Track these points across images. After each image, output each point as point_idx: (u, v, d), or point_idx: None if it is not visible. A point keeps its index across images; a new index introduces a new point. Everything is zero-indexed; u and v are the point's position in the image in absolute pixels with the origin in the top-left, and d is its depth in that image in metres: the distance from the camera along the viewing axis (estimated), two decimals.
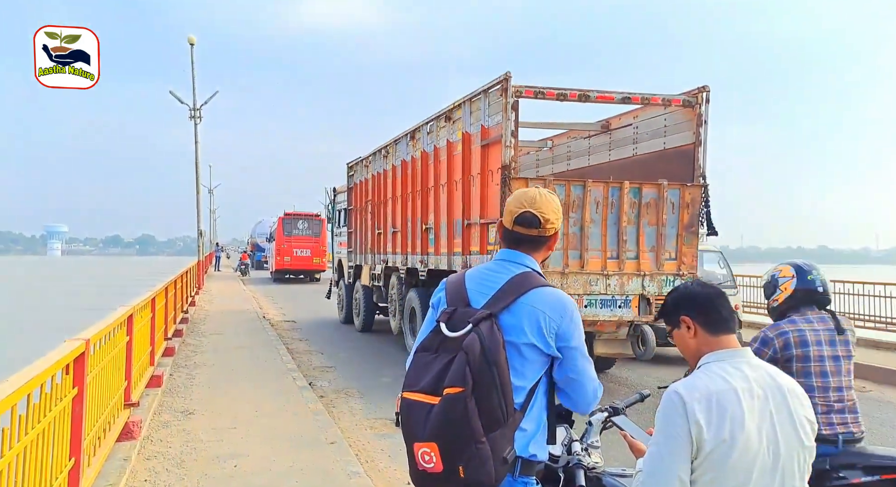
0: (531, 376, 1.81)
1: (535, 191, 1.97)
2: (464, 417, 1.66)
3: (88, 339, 3.62)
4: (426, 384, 1.72)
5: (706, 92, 6.97)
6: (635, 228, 6.87)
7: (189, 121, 21.90)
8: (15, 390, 2.33)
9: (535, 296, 1.83)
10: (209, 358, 8.77)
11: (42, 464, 2.74)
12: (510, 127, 6.48)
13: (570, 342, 1.83)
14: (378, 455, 5.11)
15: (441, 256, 8.14)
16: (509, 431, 1.74)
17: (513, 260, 1.92)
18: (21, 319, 22.56)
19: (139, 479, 4.23)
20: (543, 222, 1.90)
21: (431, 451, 1.68)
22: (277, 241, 25.48)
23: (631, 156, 8.17)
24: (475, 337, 1.72)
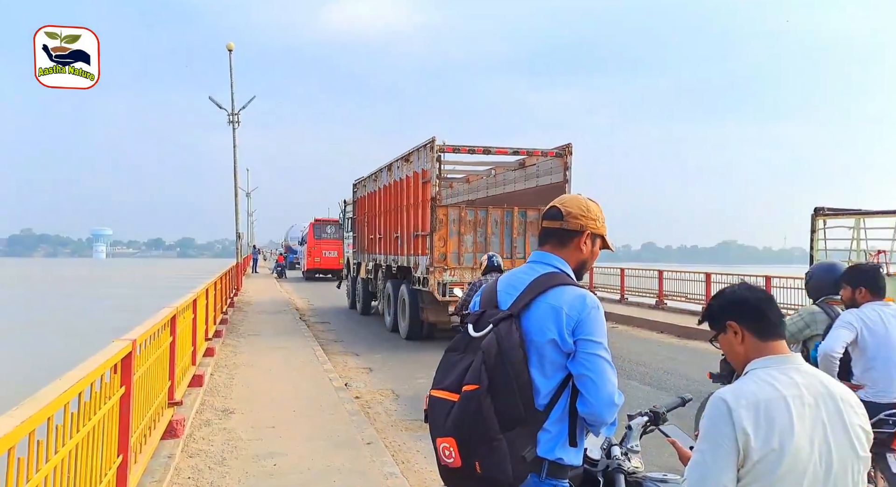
0: (553, 375, 1.80)
1: (572, 194, 2.02)
2: (478, 413, 1.70)
3: (135, 340, 3.73)
4: (450, 382, 1.80)
5: (570, 147, 10.59)
6: (522, 238, 10.43)
7: (228, 125, 22.37)
8: (68, 388, 2.42)
9: (555, 294, 1.84)
10: (248, 359, 8.94)
11: (92, 460, 2.84)
12: (435, 171, 10.10)
13: (587, 335, 1.80)
14: (414, 455, 5.13)
15: (403, 256, 11.52)
16: (529, 430, 1.76)
17: (540, 260, 1.96)
18: (69, 319, 23.35)
19: (183, 476, 4.34)
20: (565, 214, 1.95)
21: (450, 446, 1.74)
22: (308, 244, 28.74)
23: (534, 187, 11.83)
24: (493, 337, 1.77)
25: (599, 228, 2.01)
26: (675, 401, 2.40)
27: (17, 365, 14.04)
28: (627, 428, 2.23)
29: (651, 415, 2.27)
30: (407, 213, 11.34)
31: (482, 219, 10.35)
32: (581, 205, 1.99)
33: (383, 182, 13.06)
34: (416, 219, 10.75)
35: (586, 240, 1.97)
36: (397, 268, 11.96)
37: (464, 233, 10.24)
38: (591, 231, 1.97)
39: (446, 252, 10.21)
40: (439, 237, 10.16)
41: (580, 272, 2.00)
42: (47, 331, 19.88)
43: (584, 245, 1.97)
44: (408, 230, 11.21)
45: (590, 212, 1.98)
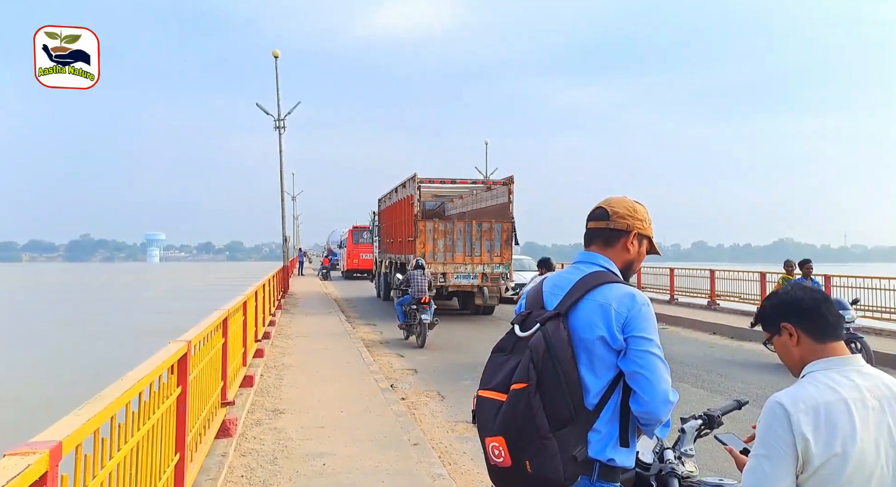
0: (603, 374, 1.78)
1: (618, 195, 2.03)
2: (528, 411, 1.70)
3: (190, 341, 3.86)
4: (498, 382, 1.79)
5: (512, 178, 14.98)
6: (479, 243, 14.75)
7: (274, 131, 22.86)
8: (129, 388, 2.52)
9: (602, 291, 1.83)
10: (296, 360, 9.12)
11: (152, 458, 2.94)
12: (417, 197, 14.77)
13: (638, 332, 1.78)
14: (461, 457, 5.14)
15: (402, 255, 16.04)
16: (580, 430, 1.74)
17: (585, 260, 1.95)
18: (128, 322, 24.25)
19: (236, 474, 4.45)
20: (612, 214, 1.95)
21: (500, 445, 1.73)
22: (348, 247, 33.51)
23: (494, 204, 15.89)
24: (540, 335, 1.77)
25: (646, 229, 1.98)
26: (731, 405, 2.34)
27: (81, 366, 14.67)
28: (681, 432, 2.19)
29: (705, 419, 2.21)
30: (403, 225, 16.26)
31: (450, 228, 14.95)
32: (628, 205, 1.98)
33: (392, 200, 18.38)
34: (408, 229, 15.32)
35: (633, 241, 1.95)
36: (399, 264, 16.27)
37: (437, 238, 14.71)
38: (637, 231, 1.96)
39: (425, 252, 14.33)
40: (420, 242, 14.49)
41: (627, 273, 1.97)
42: (107, 333, 20.69)
43: (632, 245, 1.95)
44: (403, 236, 15.96)
45: (636, 213, 1.97)
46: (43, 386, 12.50)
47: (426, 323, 10.93)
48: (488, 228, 14.82)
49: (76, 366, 14.70)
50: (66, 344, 18.62)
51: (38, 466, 1.57)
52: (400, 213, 16.70)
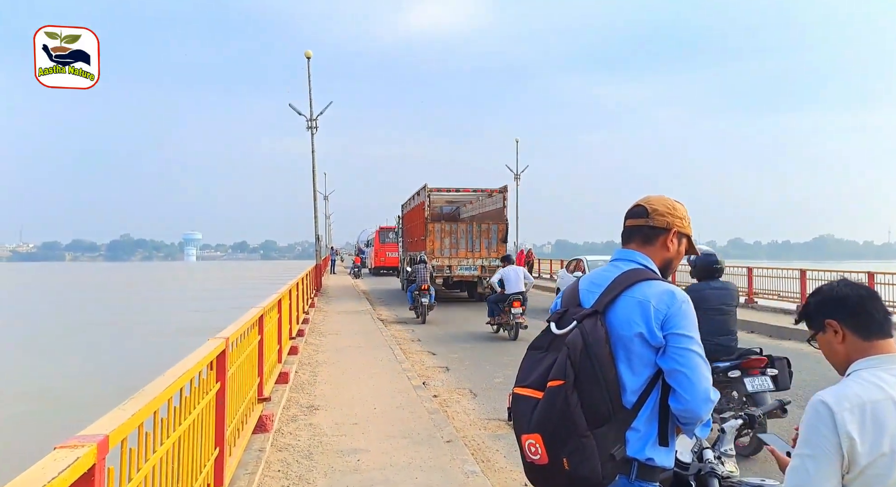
0: (642, 372, 1.77)
1: (657, 194, 2.02)
2: (565, 409, 1.69)
3: (228, 338, 3.93)
4: (534, 379, 1.79)
5: (506, 187, 17.93)
6: (479, 240, 17.63)
7: (306, 131, 23.13)
8: (170, 384, 2.59)
9: (641, 288, 1.81)
10: (329, 357, 9.22)
11: (193, 452, 3.02)
12: (427, 203, 17.49)
13: (676, 329, 1.75)
14: (494, 455, 5.14)
15: (417, 252, 18.21)
16: (618, 428, 1.73)
17: (623, 258, 1.94)
18: (167, 319, 24.86)
19: (273, 469, 4.53)
20: (651, 212, 1.94)
21: (536, 442, 1.73)
22: (375, 247, 37.04)
23: (493, 209, 18.52)
24: (577, 333, 1.76)
25: (686, 228, 1.97)
26: (773, 404, 2.29)
27: (123, 362, 15.10)
28: (721, 431, 2.15)
29: (746, 418, 2.17)
30: (417, 226, 19.41)
31: (454, 228, 18.19)
32: (667, 203, 1.97)
33: (410, 206, 21.74)
34: (420, 230, 18.42)
35: (673, 239, 1.94)
36: (418, 259, 17.43)
37: (444, 237, 17.88)
38: (677, 230, 1.94)
39: (433, 249, 17.64)
40: (430, 240, 17.65)
41: (666, 271, 1.95)
42: (147, 331, 21.24)
43: (671, 243, 1.93)
44: (418, 236, 19.25)
45: (676, 211, 1.96)
46: (86, 381, 12.90)
47: (426, 304, 14.22)
48: (486, 228, 18.05)
49: (118, 363, 15.13)
50: (108, 342, 19.18)
51: (87, 459, 1.62)
52: (415, 217, 19.96)
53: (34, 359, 16.07)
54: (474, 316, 14.86)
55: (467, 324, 13.82)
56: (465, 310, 16.79)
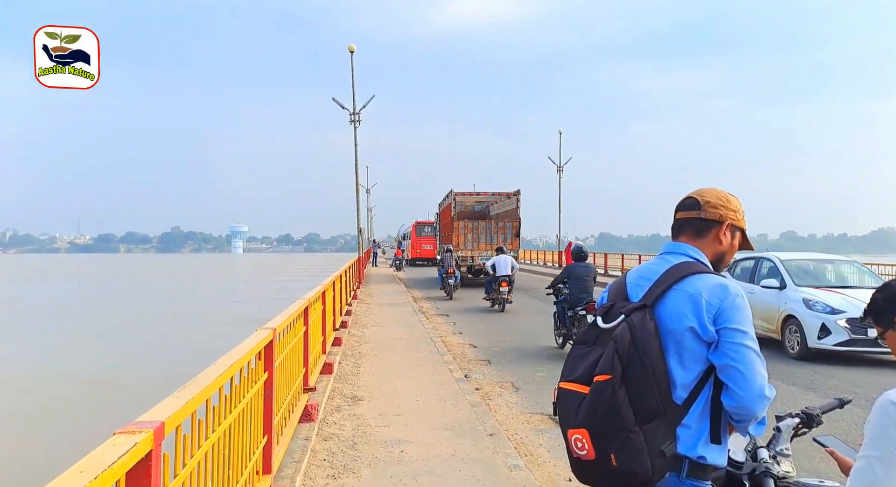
0: (692, 367, 1.72)
1: (709, 187, 1.95)
2: (612, 404, 1.66)
3: (275, 328, 4.01)
4: (580, 374, 1.76)
5: (519, 191, 21.40)
6: (496, 235, 21.86)
7: (349, 125, 23.35)
8: (221, 373, 2.65)
9: (692, 282, 1.75)
10: (372, 349, 9.33)
11: (242, 439, 3.09)
12: (454, 206, 22.21)
13: (730, 323, 1.69)
14: (537, 449, 5.11)
15: (447, 244, 20.64)
16: (668, 424, 1.69)
17: (673, 251, 1.89)
18: (216, 309, 25.55)
19: (318, 458, 4.61)
20: (703, 204, 1.88)
21: (583, 438, 1.70)
22: (412, 240, 40.45)
23: (510, 209, 22.05)
24: (625, 326, 1.72)
25: (740, 221, 1.90)
26: (832, 403, 2.19)
27: (174, 350, 15.60)
28: (776, 430, 2.07)
29: (803, 417, 2.08)
30: (447, 223, 23.12)
31: (476, 226, 22.36)
32: (720, 195, 1.91)
33: (443, 206, 25.49)
34: (449, 226, 22.52)
35: (726, 232, 1.87)
36: (449, 252, 19.98)
37: (467, 233, 22.04)
38: (731, 222, 1.87)
39: (458, 242, 21.62)
40: (455, 235, 21.72)
41: (718, 265, 1.89)
42: (195, 321, 21.88)
43: (724, 236, 1.87)
44: (448, 231, 22.86)
45: (729, 203, 1.89)
46: (139, 369, 13.38)
47: (452, 284, 18.30)
48: (503, 225, 22.18)
49: (170, 351, 15.64)
50: (159, 331, 19.84)
51: (144, 444, 1.67)
52: (445, 215, 24.08)
53: (92, 346, 16.76)
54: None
55: (506, 315, 13.79)
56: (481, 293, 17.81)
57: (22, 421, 9.53)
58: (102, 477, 1.41)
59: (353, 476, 4.27)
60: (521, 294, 19.79)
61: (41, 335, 19.18)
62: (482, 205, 25.10)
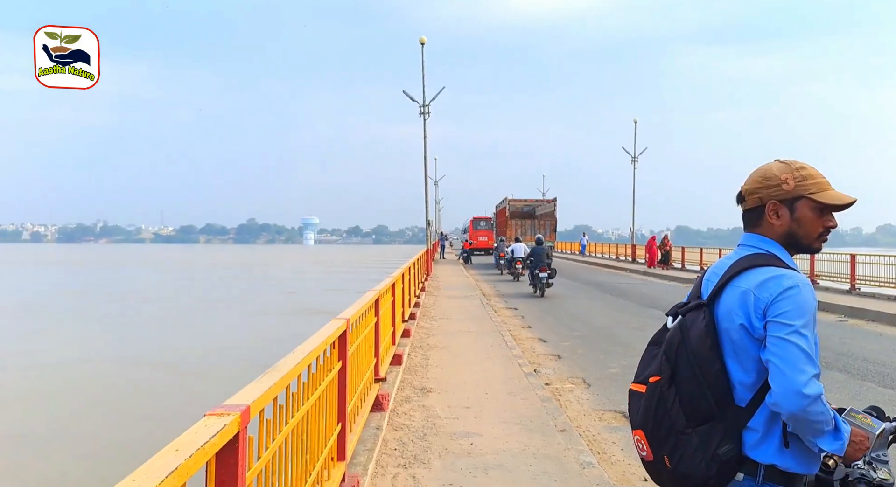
0: (751, 368, 1.63)
1: (761, 165, 1.81)
2: (661, 405, 1.66)
3: (348, 319, 4.08)
4: (644, 375, 1.76)
5: (555, 199, 32.65)
6: (539, 229, 32.43)
7: (419, 117, 23.54)
8: (300, 361, 2.71)
9: (746, 276, 1.66)
10: (440, 341, 9.38)
11: (319, 426, 3.16)
12: (507, 209, 33.54)
13: (777, 317, 1.56)
14: (610, 447, 4.99)
15: (501, 237, 30.53)
16: (727, 427, 1.62)
17: (743, 243, 1.81)
18: (288, 299, 26.43)
19: (389, 447, 4.67)
20: (744, 194, 1.79)
21: (641, 439, 1.72)
22: (470, 232, 45.06)
23: (550, 210, 32.50)
24: (676, 326, 1.72)
25: (790, 191, 1.69)
26: None
27: (250, 338, 16.24)
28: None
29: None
30: (503, 221, 32.90)
31: (523, 223, 33.06)
32: (757, 175, 1.75)
33: (499, 207, 34.69)
34: (504, 223, 32.51)
35: (773, 213, 1.72)
36: (503, 243, 25.38)
37: (517, 228, 32.00)
38: (775, 199, 1.71)
39: (512, 235, 29.30)
40: (509, 230, 31.38)
41: (797, 243, 1.72)
42: (268, 310, 22.70)
43: (773, 217, 1.72)
44: (503, 227, 32.47)
45: (768, 179, 1.72)
46: (214, 354, 14.00)
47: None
48: (544, 223, 31.07)
49: (246, 339, 16.30)
50: (236, 318, 20.71)
51: (232, 426, 1.72)
52: (501, 215, 33.00)
53: (171, 332, 17.69)
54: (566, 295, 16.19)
55: (576, 309, 13.57)
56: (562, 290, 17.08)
57: (109, 403, 10.17)
58: (196, 456, 1.46)
59: (423, 466, 4.31)
60: (592, 288, 19.45)
61: (122, 321, 20.39)
62: (529, 206, 34.31)
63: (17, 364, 13.11)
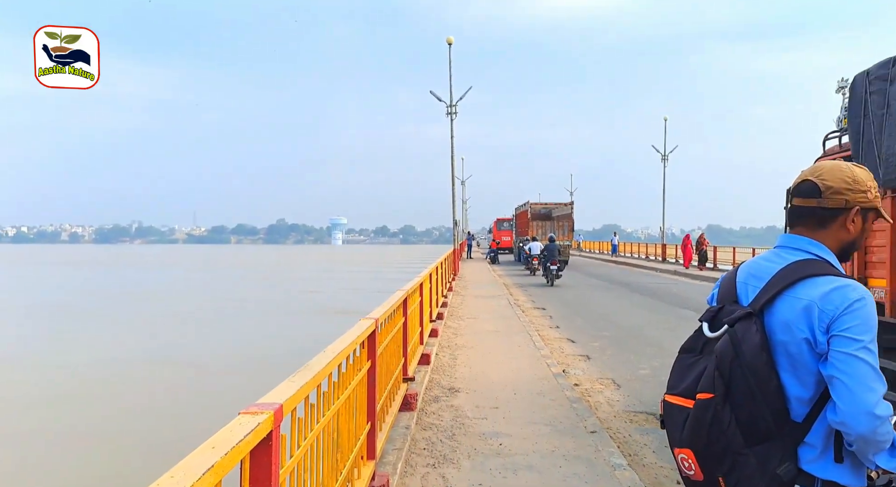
0: (810, 382, 1.54)
1: (830, 162, 1.69)
2: (716, 425, 1.54)
3: (377, 318, 4.09)
4: (685, 387, 1.63)
5: (572, 202, 34.20)
6: (557, 230, 32.07)
7: (445, 117, 23.58)
8: (331, 360, 2.73)
9: (806, 286, 1.54)
10: (468, 341, 9.37)
11: (349, 425, 3.18)
12: (529, 210, 33.64)
13: (843, 331, 1.48)
14: (642, 449, 4.93)
15: (523, 237, 34.74)
16: (785, 444, 1.53)
17: (789, 245, 1.66)
18: (315, 299, 26.68)
19: (419, 447, 4.68)
20: (824, 190, 1.62)
21: (689, 458, 1.60)
22: (494, 233, 46.78)
23: (568, 213, 32.93)
24: (727, 339, 1.57)
25: (872, 201, 1.63)
26: None
27: (278, 337, 16.44)
28: None
29: None
30: (524, 223, 33.68)
31: (543, 224, 32.16)
32: (845, 175, 1.63)
33: (520, 210, 36.54)
34: (526, 224, 33.17)
35: (854, 218, 1.62)
36: (523, 242, 27.36)
37: (537, 229, 31.71)
38: (860, 206, 1.62)
39: (530, 234, 30.34)
40: (530, 230, 31.55)
41: (846, 254, 1.67)
42: (297, 310, 22.94)
43: (853, 224, 1.63)
44: (524, 227, 33.51)
45: (857, 183, 1.62)
46: (246, 354, 14.20)
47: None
48: (562, 224, 32.01)
49: (274, 338, 16.50)
50: (264, 318, 20.98)
51: (266, 425, 1.74)
52: (523, 216, 35.06)
53: (201, 331, 18.00)
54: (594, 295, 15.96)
55: (604, 309, 13.45)
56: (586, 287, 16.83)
57: (143, 401, 10.39)
58: (231, 454, 1.48)
59: (452, 466, 4.30)
60: (621, 288, 19.25)
61: (155, 321, 20.81)
62: (547, 209, 36.88)
63: (55, 362, 13.48)
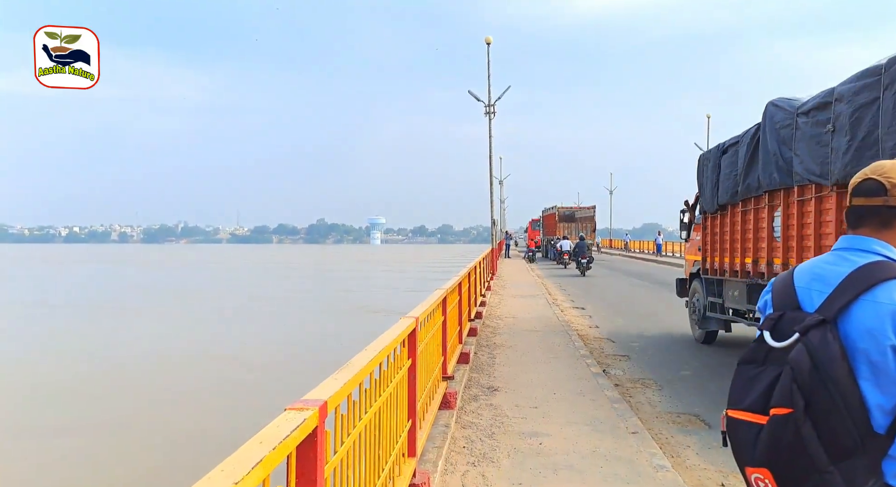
0: (894, 391, 1.45)
1: (891, 160, 1.62)
2: (797, 443, 1.44)
3: (417, 317, 4.13)
4: (752, 401, 1.53)
5: (594, 206, 43.18)
6: (580, 230, 39.31)
7: (484, 116, 23.55)
8: (372, 358, 2.77)
9: (887, 290, 1.46)
10: (507, 340, 9.36)
11: (390, 422, 3.22)
12: (556, 213, 42.60)
13: None
14: (685, 450, 4.85)
15: (550, 236, 42.04)
16: (869, 459, 1.44)
17: (855, 247, 1.59)
18: (354, 298, 27.00)
19: (458, 445, 4.71)
20: (890, 187, 1.55)
21: (765, 478, 1.50)
22: (529, 233, 50.44)
23: (590, 215, 42.26)
24: (802, 350, 1.47)
25: None
26: None
27: (319, 335, 16.70)
28: None
29: None
30: (552, 224, 42.50)
31: (568, 225, 40.33)
32: None
33: (547, 213, 45.80)
34: (552, 225, 42.00)
35: None
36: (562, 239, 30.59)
37: (563, 229, 38.93)
38: None
39: (559, 234, 37.05)
40: (558, 230, 39.34)
41: None
42: (336, 309, 23.25)
43: None
44: (552, 228, 42.15)
45: None
46: (289, 351, 14.47)
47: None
48: (584, 225, 38.60)
49: (315, 336, 16.77)
50: (305, 316, 21.33)
51: (311, 421, 1.79)
52: (550, 218, 41.47)
53: (247, 328, 18.40)
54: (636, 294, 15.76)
55: (644, 309, 13.24)
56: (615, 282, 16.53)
57: (189, 396, 10.70)
58: (279, 449, 1.52)
59: (492, 464, 4.32)
60: (660, 287, 18.90)
61: (204, 318, 21.37)
62: (571, 211, 42.19)
63: (107, 357, 13.99)
